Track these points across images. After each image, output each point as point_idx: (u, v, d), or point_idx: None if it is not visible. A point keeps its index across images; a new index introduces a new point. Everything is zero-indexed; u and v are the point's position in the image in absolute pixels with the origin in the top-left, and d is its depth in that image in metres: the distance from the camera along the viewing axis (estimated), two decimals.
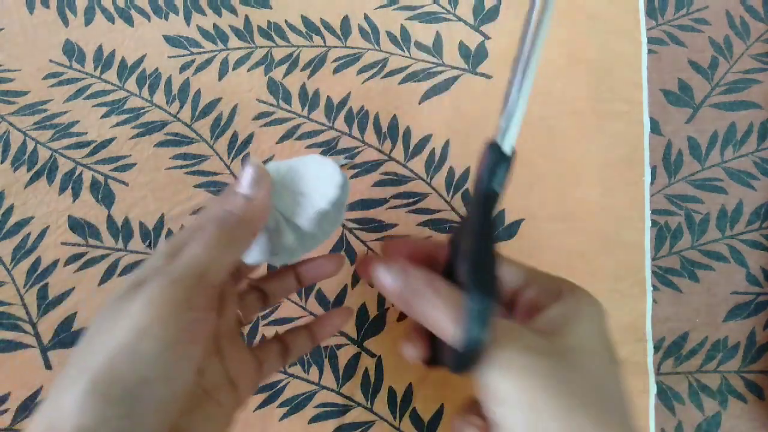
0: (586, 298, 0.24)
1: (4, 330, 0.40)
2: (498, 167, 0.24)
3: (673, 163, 0.44)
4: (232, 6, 0.47)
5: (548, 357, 0.21)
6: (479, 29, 0.46)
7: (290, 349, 0.32)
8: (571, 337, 0.22)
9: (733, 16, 0.46)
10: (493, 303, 0.21)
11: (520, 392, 0.20)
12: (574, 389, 0.20)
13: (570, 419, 0.20)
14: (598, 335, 0.23)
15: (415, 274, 0.24)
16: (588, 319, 0.23)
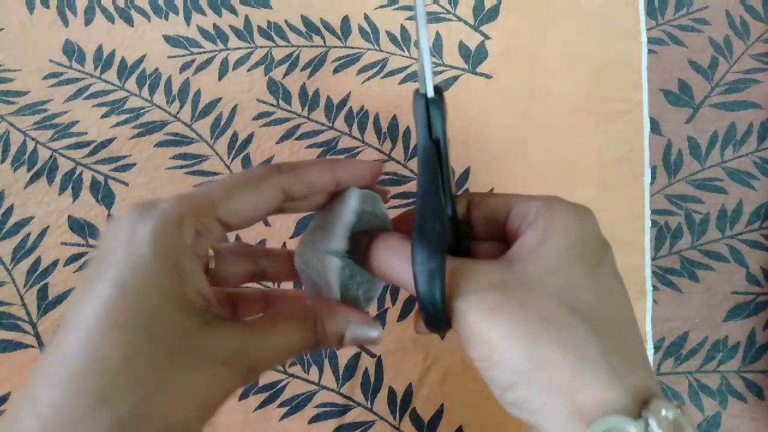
0: (563, 213, 0.22)
1: (4, 330, 0.40)
2: (430, 113, 0.22)
3: (673, 163, 0.44)
4: (232, 6, 0.47)
5: (505, 290, 0.20)
6: (479, 29, 0.46)
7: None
8: (535, 263, 0.21)
9: (733, 16, 0.46)
10: (439, 260, 0.20)
11: (488, 331, 0.20)
12: (527, 315, 0.20)
13: (533, 349, 0.19)
14: (571, 251, 0.21)
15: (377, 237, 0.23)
16: (558, 238, 0.22)
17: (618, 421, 0.17)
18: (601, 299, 0.21)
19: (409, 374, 0.40)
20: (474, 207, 0.25)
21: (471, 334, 0.20)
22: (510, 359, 0.19)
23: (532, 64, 0.45)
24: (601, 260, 0.22)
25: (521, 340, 0.19)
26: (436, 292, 0.20)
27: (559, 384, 0.19)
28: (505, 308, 0.20)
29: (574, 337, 0.19)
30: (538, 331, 0.19)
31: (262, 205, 0.22)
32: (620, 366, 0.19)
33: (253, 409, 0.39)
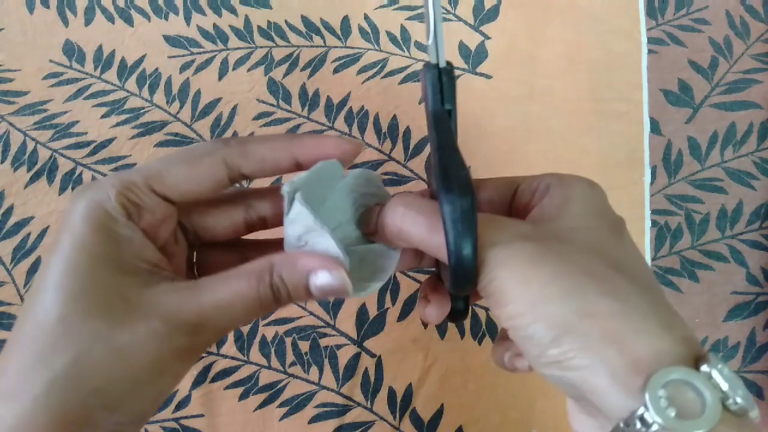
0: (577, 182, 0.22)
1: (4, 330, 0.40)
2: (441, 83, 0.22)
3: (673, 163, 0.44)
4: (232, 6, 0.47)
5: (540, 241, 0.19)
6: (479, 29, 0.46)
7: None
8: (561, 221, 0.21)
9: (733, 16, 0.46)
10: (471, 200, 0.18)
11: (525, 286, 0.19)
12: (569, 266, 0.19)
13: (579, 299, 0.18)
14: (592, 213, 0.21)
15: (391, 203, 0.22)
16: (579, 201, 0.21)
17: (680, 372, 0.16)
18: (630, 259, 0.20)
19: (409, 374, 0.40)
20: (478, 186, 0.25)
21: (506, 288, 0.19)
22: (553, 311, 0.18)
23: (532, 64, 0.45)
24: (620, 226, 0.22)
25: (565, 290, 0.18)
26: (469, 239, 0.18)
27: (609, 334, 0.17)
28: (545, 258, 0.19)
29: (619, 288, 0.18)
30: (582, 281, 0.18)
31: (203, 179, 0.21)
32: (667, 318, 0.18)
33: (253, 409, 0.39)
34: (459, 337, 0.41)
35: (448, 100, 0.22)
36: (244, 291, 0.20)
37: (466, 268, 0.19)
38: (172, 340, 0.19)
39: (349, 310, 0.41)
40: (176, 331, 0.20)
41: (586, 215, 0.21)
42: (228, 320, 0.21)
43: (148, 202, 0.21)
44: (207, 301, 0.20)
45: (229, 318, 0.21)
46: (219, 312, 0.20)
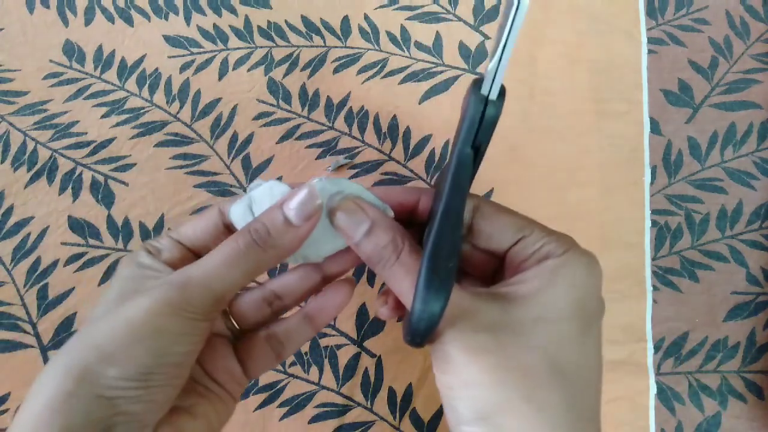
0: (576, 263, 0.22)
1: (4, 330, 0.40)
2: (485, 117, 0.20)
3: (673, 163, 0.44)
4: (232, 6, 0.47)
5: (496, 334, 0.21)
6: (479, 29, 0.46)
7: (284, 344, 0.28)
8: (533, 307, 0.21)
9: (733, 16, 0.46)
10: (446, 292, 0.20)
11: (464, 367, 0.20)
12: (508, 363, 0.20)
13: (503, 395, 0.20)
14: (570, 305, 0.22)
15: (381, 232, 0.23)
16: (565, 287, 0.22)
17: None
18: (582, 360, 0.22)
19: (409, 374, 0.40)
20: (482, 216, 0.24)
21: (450, 362, 0.21)
22: (479, 397, 0.20)
23: (531, 64, 0.45)
24: (594, 320, 0.23)
25: (494, 383, 0.20)
26: (429, 330, 0.20)
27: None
28: (489, 352, 0.20)
29: (544, 394, 0.20)
30: (512, 381, 0.20)
31: (204, 224, 0.26)
32: (578, 429, 0.20)
33: (253, 409, 0.39)
34: None
35: (481, 138, 0.20)
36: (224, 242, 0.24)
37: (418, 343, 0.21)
38: (164, 295, 0.22)
39: (349, 310, 0.41)
40: (167, 288, 0.22)
41: (563, 305, 0.22)
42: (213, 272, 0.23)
43: (165, 244, 0.26)
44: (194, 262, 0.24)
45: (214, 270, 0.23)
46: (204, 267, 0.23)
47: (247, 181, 0.43)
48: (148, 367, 0.21)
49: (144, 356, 0.21)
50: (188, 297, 0.22)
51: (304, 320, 0.28)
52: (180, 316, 0.22)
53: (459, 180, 0.21)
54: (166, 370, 0.22)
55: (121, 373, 0.21)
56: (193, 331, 0.22)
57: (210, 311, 0.23)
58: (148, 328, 0.21)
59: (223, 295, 0.23)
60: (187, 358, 0.23)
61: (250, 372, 0.28)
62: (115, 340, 0.21)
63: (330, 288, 0.29)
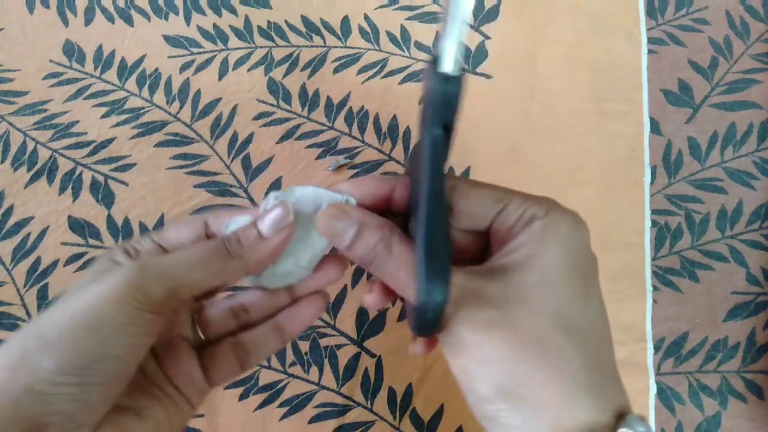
0: (562, 222, 0.22)
1: (4, 330, 0.40)
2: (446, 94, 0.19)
3: (673, 163, 0.44)
4: (232, 6, 0.47)
5: (500, 307, 0.21)
6: (479, 29, 0.46)
7: (250, 353, 0.27)
8: (532, 272, 0.21)
9: (733, 16, 0.46)
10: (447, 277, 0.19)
11: (477, 346, 0.20)
12: (519, 334, 0.20)
13: (520, 366, 0.20)
14: (565, 264, 0.21)
15: (370, 232, 0.23)
16: (556, 246, 0.21)
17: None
18: (590, 318, 0.21)
19: (409, 374, 0.40)
20: (459, 195, 0.23)
21: (461, 345, 0.21)
22: (496, 373, 0.20)
23: (531, 64, 0.45)
24: (591, 276, 0.22)
25: (509, 356, 0.20)
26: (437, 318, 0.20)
27: (543, 402, 0.19)
28: (498, 325, 0.20)
29: (561, 357, 0.20)
30: (526, 350, 0.20)
31: (187, 231, 0.26)
32: (600, 385, 0.20)
33: (253, 409, 0.39)
34: None
35: (448, 116, 0.20)
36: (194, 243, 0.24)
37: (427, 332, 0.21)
38: (115, 280, 0.21)
39: (349, 310, 0.41)
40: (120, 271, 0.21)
41: (560, 266, 0.21)
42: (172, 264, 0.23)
43: (144, 246, 0.25)
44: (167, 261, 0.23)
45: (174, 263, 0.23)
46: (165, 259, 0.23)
47: (246, 181, 0.43)
48: (85, 360, 0.20)
49: (83, 347, 0.20)
50: (140, 282, 0.21)
51: (273, 330, 0.28)
52: (126, 303, 0.21)
53: (436, 162, 0.21)
54: (104, 364, 0.21)
55: (57, 365, 0.20)
56: (138, 322, 0.21)
57: (161, 303, 0.22)
58: (92, 315, 0.20)
59: (178, 290, 0.22)
60: (129, 353, 0.22)
61: (212, 379, 0.27)
62: (55, 329, 0.20)
63: (303, 300, 0.28)
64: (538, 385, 0.19)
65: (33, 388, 0.19)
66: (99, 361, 0.20)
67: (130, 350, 0.21)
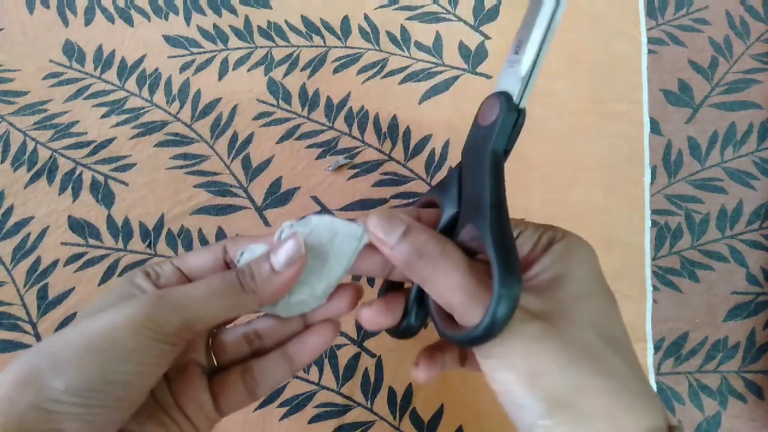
0: (576, 242, 0.23)
1: (4, 330, 0.40)
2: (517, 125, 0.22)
3: (673, 163, 0.44)
4: (232, 6, 0.47)
5: (547, 319, 0.21)
6: (479, 29, 0.46)
7: (259, 381, 0.27)
8: (566, 288, 0.22)
9: (733, 16, 0.46)
10: (520, 284, 0.20)
11: (529, 358, 0.20)
12: (569, 344, 0.20)
13: (576, 376, 0.20)
14: (593, 278, 0.22)
15: (420, 230, 0.23)
16: (581, 264, 0.22)
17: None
18: (622, 330, 0.22)
19: (409, 374, 0.40)
20: None
21: (508, 358, 0.20)
22: (551, 384, 0.20)
23: None
24: (611, 292, 0.23)
25: (563, 366, 0.20)
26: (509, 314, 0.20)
27: (602, 411, 0.19)
28: (550, 336, 0.20)
29: (612, 365, 0.20)
30: (578, 360, 0.20)
31: (206, 257, 0.26)
32: (648, 393, 0.20)
33: (253, 409, 0.39)
34: None
35: (511, 143, 0.23)
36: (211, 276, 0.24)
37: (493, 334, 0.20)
38: (131, 309, 0.21)
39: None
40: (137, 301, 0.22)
41: (587, 283, 0.22)
42: (188, 296, 0.23)
43: (165, 270, 0.26)
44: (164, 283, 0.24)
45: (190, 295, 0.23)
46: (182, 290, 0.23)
47: (246, 181, 0.43)
48: (91, 383, 0.20)
49: (90, 369, 0.20)
50: (155, 313, 0.22)
51: (282, 359, 0.28)
52: (139, 332, 0.21)
53: (498, 177, 0.22)
54: (110, 389, 0.21)
55: (66, 385, 0.20)
56: (151, 352, 0.21)
57: (174, 334, 0.22)
58: (102, 339, 0.21)
59: (193, 323, 0.23)
60: (137, 380, 0.22)
61: (222, 408, 0.27)
62: (67, 349, 0.20)
63: (313, 329, 0.28)
64: (594, 394, 0.19)
65: (39, 405, 0.19)
66: (105, 385, 0.21)
67: (138, 377, 0.22)
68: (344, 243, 0.25)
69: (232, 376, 0.27)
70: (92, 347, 0.21)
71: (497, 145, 0.22)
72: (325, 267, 0.25)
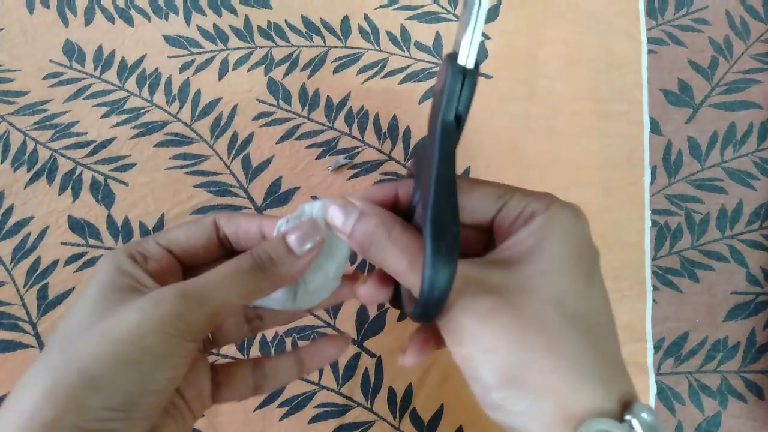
0: (562, 214, 0.22)
1: (4, 330, 0.40)
2: (461, 86, 0.20)
3: (673, 163, 0.44)
4: (232, 6, 0.47)
5: (502, 295, 0.21)
6: None
7: (268, 378, 0.28)
8: (535, 263, 0.21)
9: (733, 16, 0.46)
10: (454, 256, 0.19)
11: (480, 334, 0.20)
12: (521, 320, 0.20)
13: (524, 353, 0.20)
14: (570, 254, 0.22)
15: (369, 217, 0.23)
16: (559, 239, 0.22)
17: (604, 423, 0.18)
18: (593, 307, 0.21)
19: (409, 374, 0.40)
20: (461, 193, 0.24)
21: (463, 332, 0.21)
22: (500, 361, 0.20)
23: (532, 64, 0.45)
24: (594, 267, 0.23)
25: (513, 343, 0.20)
26: (442, 298, 0.20)
27: (548, 388, 0.19)
28: (501, 312, 0.20)
29: (565, 344, 0.20)
30: (531, 336, 0.20)
31: (195, 233, 0.25)
32: (606, 373, 0.20)
33: (253, 409, 0.39)
34: None
35: (462, 107, 0.21)
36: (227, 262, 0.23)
37: (430, 317, 0.21)
38: (155, 311, 0.21)
39: (349, 310, 0.41)
40: (159, 301, 0.21)
41: (562, 256, 0.22)
42: (211, 287, 0.22)
43: (153, 252, 0.24)
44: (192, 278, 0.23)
45: (212, 285, 0.22)
46: (202, 282, 0.22)
47: (246, 181, 0.43)
48: (131, 396, 0.20)
49: (128, 383, 0.20)
50: (182, 311, 0.21)
51: (294, 361, 0.28)
52: (169, 334, 0.21)
53: (446, 148, 0.21)
54: (149, 399, 0.21)
55: (105, 402, 0.19)
56: (179, 352, 0.21)
57: (201, 330, 0.22)
58: (135, 349, 0.20)
59: (218, 313, 0.22)
60: (171, 385, 0.22)
61: (221, 395, 0.27)
62: (101, 363, 0.20)
63: (327, 338, 0.29)
64: (542, 370, 0.19)
65: (82, 426, 0.19)
66: (144, 396, 0.20)
67: (171, 382, 0.22)
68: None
69: (242, 368, 0.27)
70: (125, 359, 0.20)
71: (446, 114, 0.21)
72: (332, 248, 0.25)
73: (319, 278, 0.26)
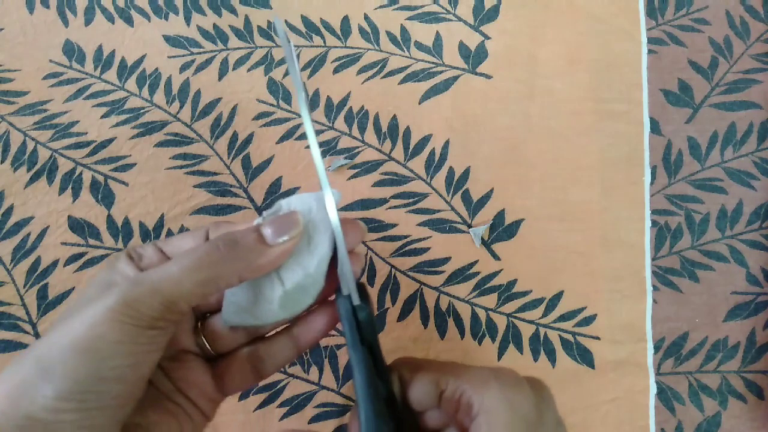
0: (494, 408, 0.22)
1: (4, 330, 0.40)
2: (358, 319, 0.23)
3: (673, 163, 0.44)
4: (232, 6, 0.47)
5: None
6: (479, 29, 0.46)
7: (265, 360, 0.27)
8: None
9: (733, 16, 0.46)
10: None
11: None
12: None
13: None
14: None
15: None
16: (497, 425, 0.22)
17: None
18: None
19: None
20: (404, 385, 0.25)
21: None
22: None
23: (532, 64, 0.45)
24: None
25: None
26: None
27: None
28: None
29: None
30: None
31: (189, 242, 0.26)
32: None
33: (253, 409, 0.39)
34: (459, 337, 0.41)
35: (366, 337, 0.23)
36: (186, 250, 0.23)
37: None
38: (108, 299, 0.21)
39: None
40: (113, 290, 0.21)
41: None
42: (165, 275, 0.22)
43: (147, 252, 0.25)
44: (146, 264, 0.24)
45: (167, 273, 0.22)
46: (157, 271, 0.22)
47: (246, 181, 0.43)
48: (83, 385, 0.19)
49: (80, 371, 0.19)
50: (133, 299, 0.21)
51: (289, 340, 0.28)
52: (121, 322, 0.20)
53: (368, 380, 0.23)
54: (105, 387, 0.20)
55: (56, 391, 0.19)
56: (137, 340, 0.21)
57: (157, 318, 0.21)
58: (86, 337, 0.20)
59: (175, 302, 0.22)
60: (131, 372, 0.21)
61: (226, 388, 0.27)
62: (53, 350, 0.20)
63: (318, 310, 0.28)
64: None
65: (35, 416, 0.19)
66: (99, 384, 0.20)
67: (131, 369, 0.21)
68: (321, 212, 0.25)
69: (237, 358, 0.27)
70: (76, 347, 0.20)
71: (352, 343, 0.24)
72: (312, 242, 0.25)
73: (298, 275, 0.25)
